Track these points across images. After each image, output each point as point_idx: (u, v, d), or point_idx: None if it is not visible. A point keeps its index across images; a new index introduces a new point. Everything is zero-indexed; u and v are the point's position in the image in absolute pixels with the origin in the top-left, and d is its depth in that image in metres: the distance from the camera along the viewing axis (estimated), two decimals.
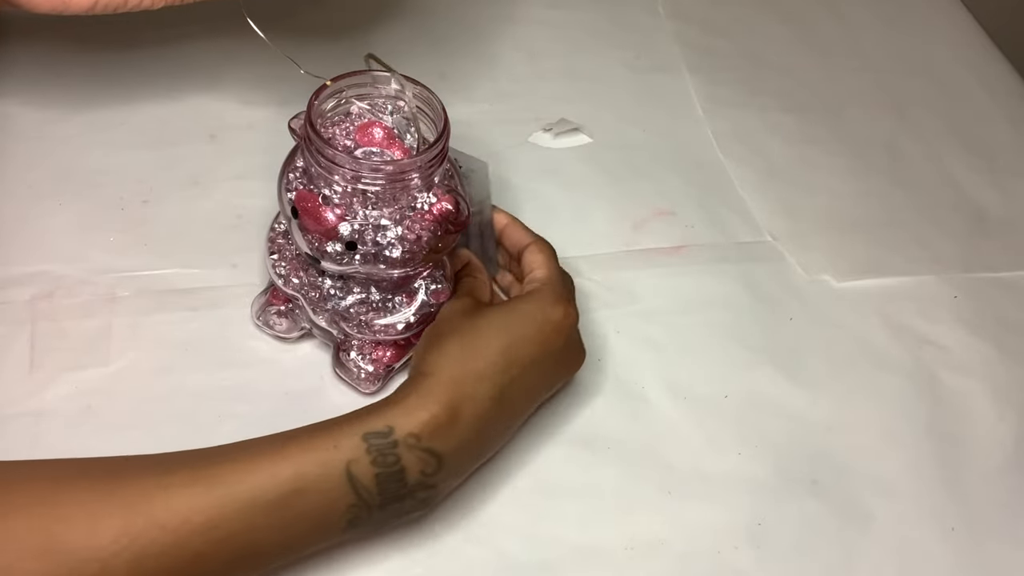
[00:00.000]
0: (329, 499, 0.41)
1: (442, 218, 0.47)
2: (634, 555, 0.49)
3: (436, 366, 0.45)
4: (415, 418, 0.43)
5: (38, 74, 0.64)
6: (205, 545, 0.38)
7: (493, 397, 0.45)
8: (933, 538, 0.52)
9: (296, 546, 0.41)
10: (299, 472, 0.40)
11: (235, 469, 0.39)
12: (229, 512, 0.38)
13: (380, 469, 0.41)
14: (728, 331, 0.59)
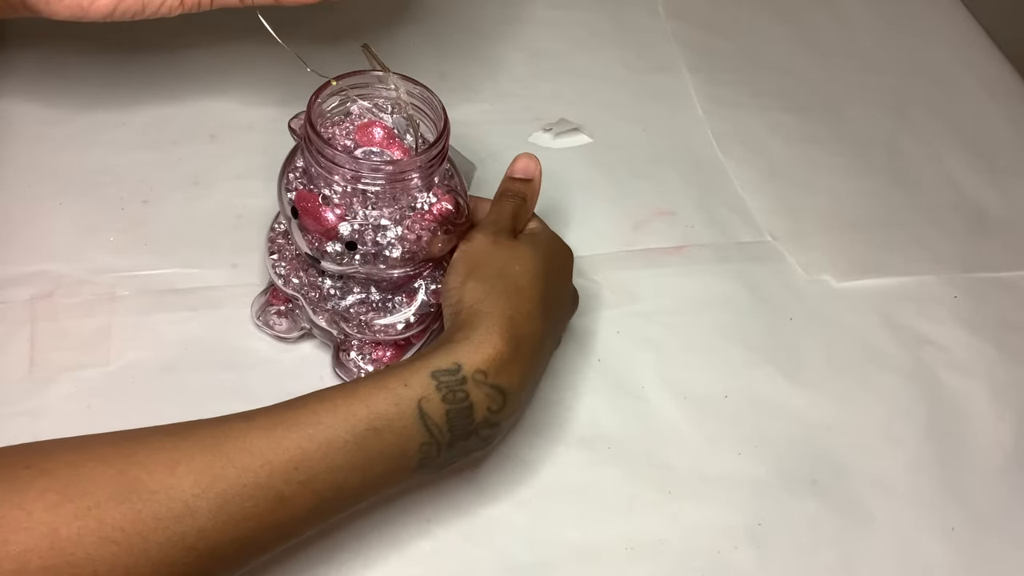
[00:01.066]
0: (403, 437, 0.41)
1: (442, 218, 0.47)
2: (634, 555, 0.49)
3: (490, 304, 0.45)
4: (482, 354, 0.43)
5: (39, 75, 0.64)
6: (287, 486, 0.38)
7: (543, 334, 0.46)
8: (933, 538, 0.52)
9: (373, 486, 0.41)
10: (374, 411, 0.40)
11: (313, 411, 0.40)
12: (310, 452, 0.38)
13: (450, 406, 0.42)
14: (728, 331, 0.59)
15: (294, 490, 0.38)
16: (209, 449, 0.37)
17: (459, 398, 0.42)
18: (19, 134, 0.61)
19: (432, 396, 0.42)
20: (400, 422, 0.41)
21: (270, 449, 0.38)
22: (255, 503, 0.37)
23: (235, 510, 0.37)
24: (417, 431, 0.41)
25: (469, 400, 0.42)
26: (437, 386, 0.42)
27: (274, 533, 0.38)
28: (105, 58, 0.65)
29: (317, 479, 0.39)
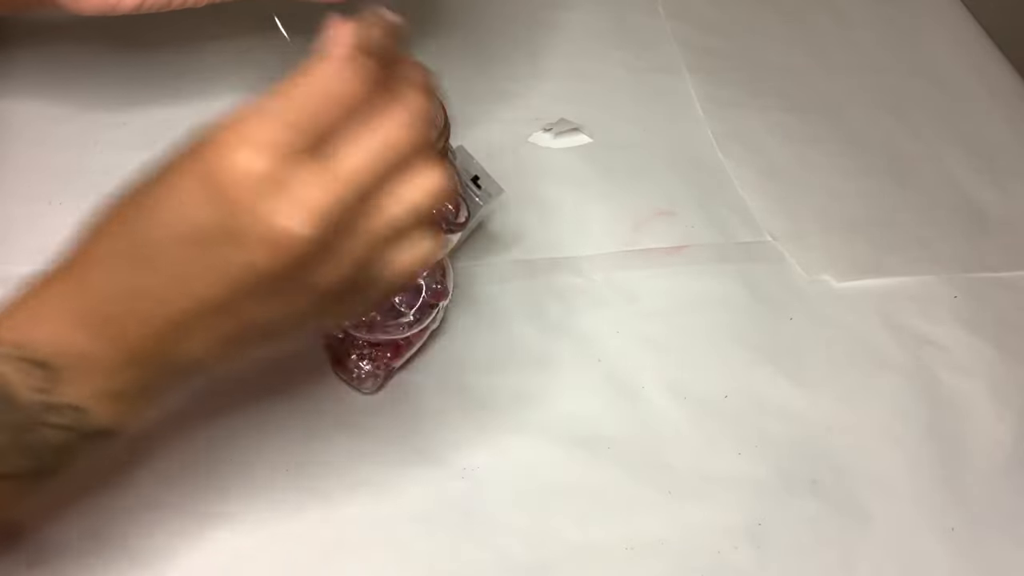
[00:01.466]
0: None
1: (442, 218, 0.47)
2: (634, 555, 0.49)
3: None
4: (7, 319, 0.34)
5: (39, 75, 0.64)
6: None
7: (122, 290, 0.34)
8: (933, 538, 0.52)
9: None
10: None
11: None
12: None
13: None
14: (728, 331, 0.59)
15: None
16: None
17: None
18: (19, 134, 0.61)
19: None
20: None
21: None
22: None
23: None
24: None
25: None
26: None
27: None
28: (106, 58, 0.65)
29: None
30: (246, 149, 0.31)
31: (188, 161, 0.32)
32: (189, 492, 0.48)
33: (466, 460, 0.51)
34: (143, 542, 0.46)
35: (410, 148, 0.33)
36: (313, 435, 0.51)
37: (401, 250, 0.34)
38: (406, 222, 0.33)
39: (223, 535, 0.47)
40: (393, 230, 0.33)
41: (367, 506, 0.49)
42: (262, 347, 0.36)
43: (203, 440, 0.49)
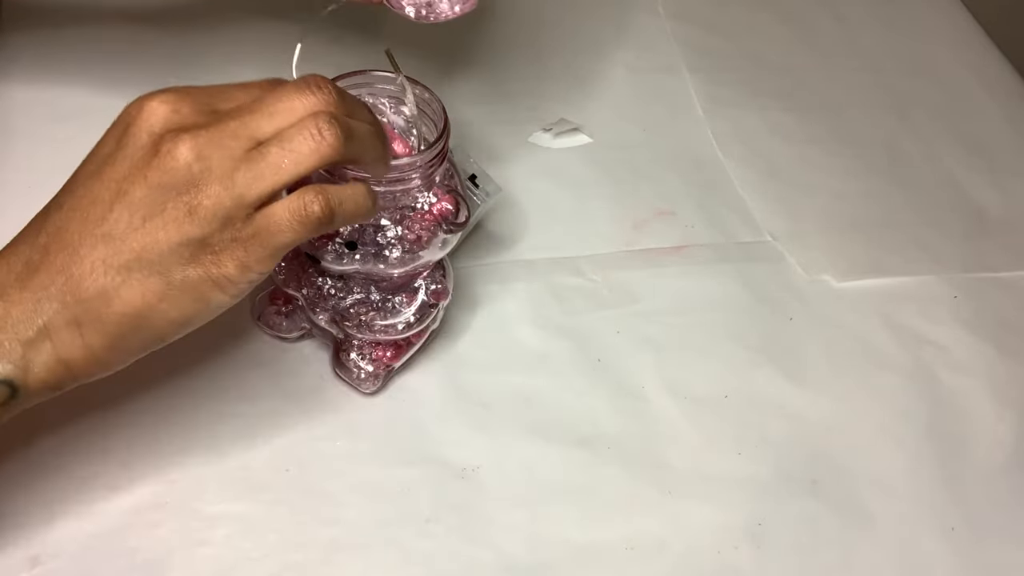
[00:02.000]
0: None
1: (442, 218, 0.47)
2: (634, 555, 0.49)
3: None
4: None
5: (39, 74, 0.64)
6: None
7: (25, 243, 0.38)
8: (933, 538, 0.52)
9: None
10: None
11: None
12: None
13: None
14: (728, 331, 0.59)
15: None
16: None
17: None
18: (19, 134, 0.60)
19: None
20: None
21: None
22: None
23: None
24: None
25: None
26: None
27: None
28: (106, 58, 0.65)
29: None
30: (154, 99, 0.37)
31: (120, 115, 0.38)
32: (189, 492, 0.48)
33: (466, 460, 0.51)
34: (143, 542, 0.46)
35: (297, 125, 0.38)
36: (313, 435, 0.51)
37: (287, 200, 0.38)
38: (276, 161, 0.37)
39: (223, 535, 0.47)
40: (261, 170, 0.37)
41: (367, 506, 0.49)
42: (158, 297, 0.37)
43: (203, 440, 0.49)
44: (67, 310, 0.36)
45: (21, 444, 0.48)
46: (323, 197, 0.38)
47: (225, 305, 0.39)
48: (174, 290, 0.37)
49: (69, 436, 0.48)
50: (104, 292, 0.36)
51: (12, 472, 0.47)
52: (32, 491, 0.46)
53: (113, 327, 0.37)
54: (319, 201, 0.38)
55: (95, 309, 0.36)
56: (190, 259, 0.37)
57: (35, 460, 0.47)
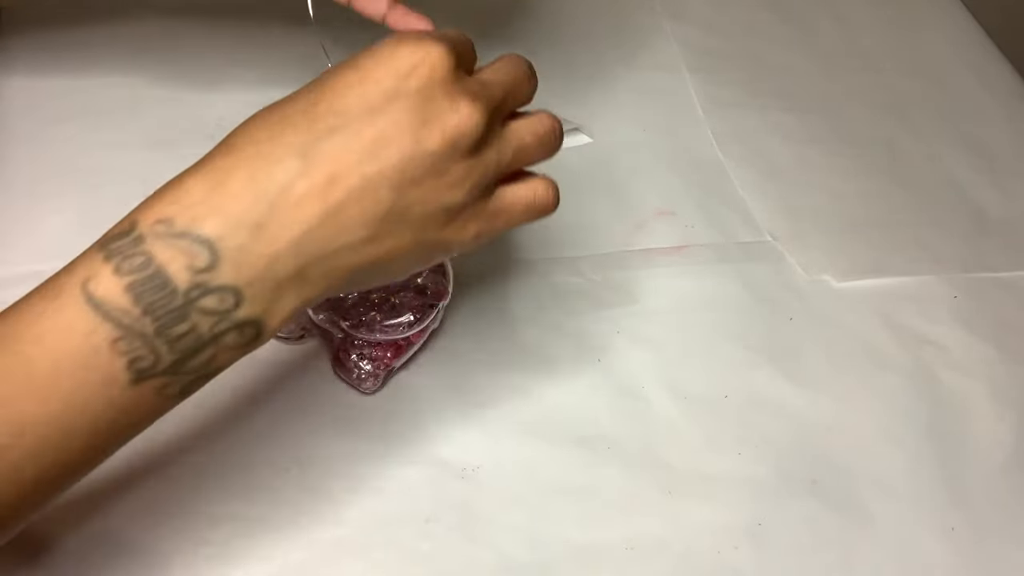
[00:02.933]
0: (76, 337, 0.31)
1: None
2: (634, 555, 0.49)
3: (235, 134, 0.35)
4: (160, 199, 0.33)
5: (39, 74, 0.64)
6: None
7: (291, 155, 0.33)
8: (933, 538, 0.52)
9: (80, 424, 0.32)
10: (25, 318, 0.31)
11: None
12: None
13: (129, 277, 0.31)
14: (728, 331, 0.59)
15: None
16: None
17: (139, 264, 0.31)
18: (19, 134, 0.61)
19: (100, 271, 0.31)
20: (62, 318, 0.31)
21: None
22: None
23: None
24: (94, 324, 0.31)
25: (153, 262, 0.31)
26: (106, 256, 0.32)
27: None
28: (106, 58, 0.65)
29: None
30: (440, 48, 0.35)
31: (385, 53, 0.35)
32: (189, 492, 0.48)
33: (466, 460, 0.51)
34: (143, 542, 0.46)
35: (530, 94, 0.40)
36: (314, 435, 0.51)
37: (523, 184, 0.40)
38: (527, 143, 0.39)
39: (223, 535, 0.47)
40: (517, 147, 0.38)
41: (367, 506, 0.49)
42: (404, 251, 0.36)
43: (204, 440, 0.49)
44: (327, 255, 0.34)
45: None
46: (554, 190, 0.41)
47: (441, 261, 0.41)
48: (418, 248, 0.36)
49: None
50: (369, 239, 0.35)
51: None
52: None
53: (354, 274, 0.35)
54: (552, 193, 0.42)
55: (352, 256, 0.35)
56: (445, 223, 0.36)
57: None
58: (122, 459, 0.48)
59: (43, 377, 0.31)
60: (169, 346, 0.32)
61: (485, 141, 0.36)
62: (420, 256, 0.37)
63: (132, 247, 0.32)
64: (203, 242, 0.32)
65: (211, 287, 0.32)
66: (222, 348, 0.34)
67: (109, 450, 0.35)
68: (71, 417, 0.32)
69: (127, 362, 0.32)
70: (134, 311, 0.31)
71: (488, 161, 0.37)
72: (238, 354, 0.35)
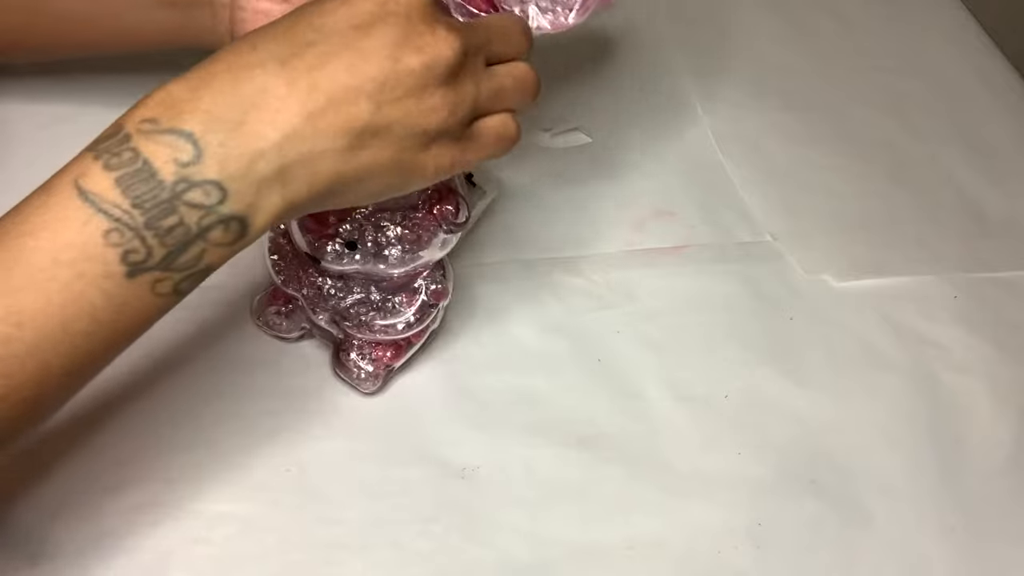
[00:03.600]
0: (70, 229, 0.33)
1: (442, 218, 0.47)
2: (634, 555, 0.49)
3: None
4: (146, 101, 0.35)
5: (39, 74, 0.64)
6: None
7: (272, 60, 0.35)
8: (933, 538, 0.52)
9: (76, 319, 0.33)
10: (21, 215, 0.33)
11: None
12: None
13: (117, 172, 0.33)
14: (728, 331, 0.59)
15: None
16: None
17: (127, 159, 0.33)
18: (20, 135, 0.61)
19: (90, 168, 0.33)
20: (57, 212, 0.33)
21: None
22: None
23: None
24: (87, 216, 0.33)
25: (140, 156, 0.33)
26: (96, 155, 0.33)
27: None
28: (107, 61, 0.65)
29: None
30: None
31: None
32: (189, 492, 0.48)
33: (466, 460, 0.51)
34: (143, 542, 0.46)
35: (519, 44, 0.41)
36: (313, 435, 0.51)
37: (496, 119, 0.41)
38: (506, 86, 0.40)
39: (223, 535, 0.47)
40: (497, 88, 0.40)
41: (367, 506, 0.49)
42: (383, 167, 0.38)
43: (203, 440, 0.49)
44: (308, 158, 0.35)
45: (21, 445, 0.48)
46: (516, 123, 0.42)
47: (416, 188, 0.41)
48: (396, 167, 0.38)
49: (69, 436, 0.48)
50: (348, 148, 0.36)
51: (12, 472, 0.47)
52: (32, 491, 0.46)
53: (340, 181, 0.37)
54: (515, 125, 0.42)
55: (332, 162, 0.36)
56: (423, 145, 0.38)
57: (35, 460, 0.47)
58: (121, 460, 0.48)
59: (41, 270, 0.33)
60: (159, 239, 0.34)
61: (464, 71, 0.38)
62: (399, 176, 0.38)
63: (119, 144, 0.33)
64: (187, 136, 0.34)
65: (196, 180, 0.34)
66: (210, 244, 0.35)
67: (108, 354, 0.36)
68: (70, 312, 0.33)
69: (120, 254, 0.33)
70: (124, 203, 0.33)
71: (466, 92, 0.38)
72: (227, 252, 0.36)
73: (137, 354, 0.52)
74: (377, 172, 0.37)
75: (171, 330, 0.53)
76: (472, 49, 0.38)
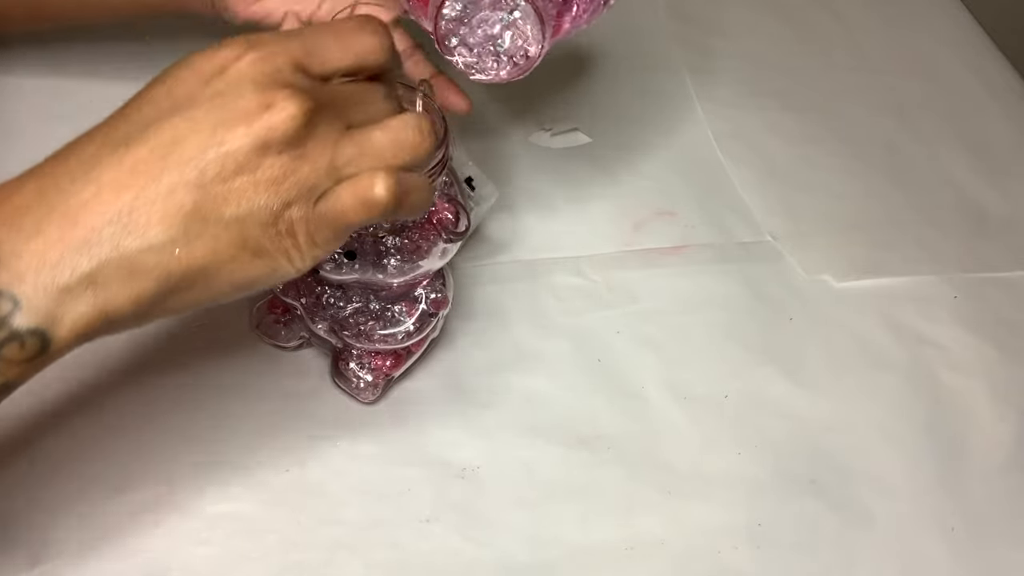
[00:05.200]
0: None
1: (442, 227, 0.46)
2: (634, 555, 0.49)
3: None
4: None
5: (40, 73, 0.64)
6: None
7: (81, 164, 0.34)
8: (933, 538, 0.52)
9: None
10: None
11: None
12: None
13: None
14: (728, 331, 0.59)
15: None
16: None
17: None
18: (20, 134, 0.60)
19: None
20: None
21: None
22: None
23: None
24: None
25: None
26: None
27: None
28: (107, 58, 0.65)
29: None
30: (258, 49, 0.34)
31: (196, 57, 0.35)
32: (189, 492, 0.48)
33: (466, 460, 0.51)
34: (144, 542, 0.46)
35: (387, 99, 0.37)
36: (313, 435, 0.51)
37: (351, 183, 0.35)
38: (377, 142, 0.36)
39: (223, 535, 0.47)
40: (361, 146, 0.35)
41: (367, 506, 0.49)
42: (225, 257, 0.35)
43: (204, 440, 0.49)
44: (122, 258, 0.33)
45: (22, 444, 0.48)
46: (392, 180, 0.35)
47: (289, 276, 0.37)
48: (246, 251, 0.35)
49: (69, 437, 0.48)
50: (173, 241, 0.33)
51: (12, 472, 0.47)
52: (32, 491, 0.46)
53: (173, 280, 0.34)
54: (387, 184, 0.35)
55: (157, 259, 0.33)
56: (270, 223, 0.34)
57: (35, 460, 0.47)
58: (122, 461, 0.48)
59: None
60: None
61: (313, 137, 0.34)
62: (251, 265, 0.35)
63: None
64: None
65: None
66: (4, 360, 0.33)
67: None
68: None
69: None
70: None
71: (315, 159, 0.34)
72: (27, 369, 0.34)
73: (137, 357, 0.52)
74: (220, 263, 0.34)
75: (170, 336, 0.53)
76: (326, 112, 0.35)
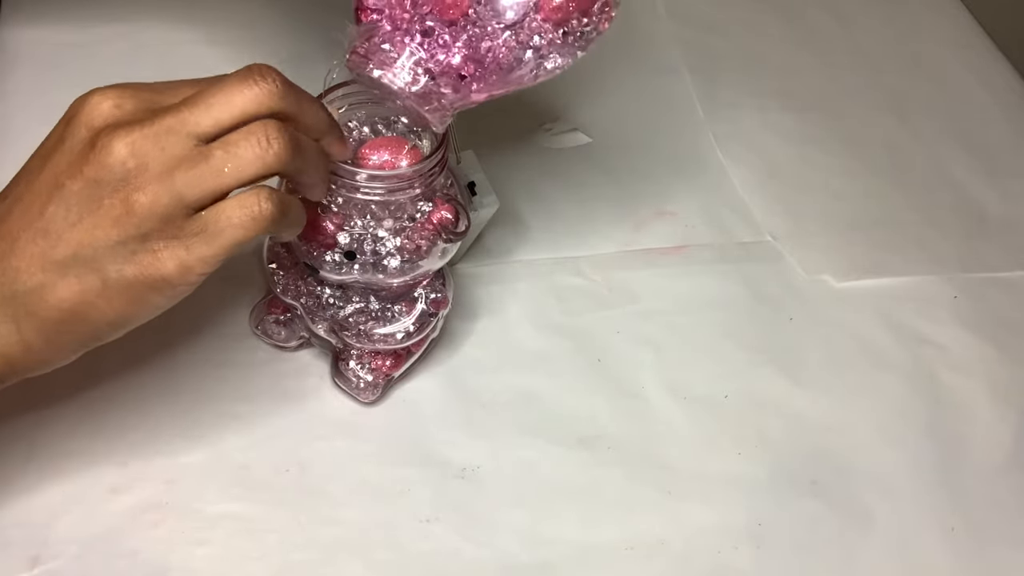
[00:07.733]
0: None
1: (442, 227, 0.46)
2: (634, 555, 0.49)
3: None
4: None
5: (40, 72, 0.64)
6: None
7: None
8: (933, 538, 0.52)
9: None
10: None
11: None
12: None
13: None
14: (728, 331, 0.59)
15: None
16: None
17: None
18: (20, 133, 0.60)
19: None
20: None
21: None
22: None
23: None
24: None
25: None
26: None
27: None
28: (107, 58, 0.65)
29: None
30: (100, 94, 0.37)
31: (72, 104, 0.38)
32: (189, 492, 0.48)
33: (466, 460, 0.51)
34: (143, 542, 0.46)
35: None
36: (313, 435, 0.51)
37: (233, 201, 0.37)
38: (241, 156, 0.36)
39: (223, 535, 0.47)
40: (219, 165, 0.36)
41: (367, 506, 0.49)
42: (101, 295, 0.36)
43: (204, 440, 0.49)
44: (3, 304, 0.36)
45: (22, 445, 0.48)
46: (277, 197, 0.37)
47: (163, 307, 0.38)
48: (110, 289, 0.36)
49: (69, 437, 0.48)
50: (41, 287, 0.36)
51: (13, 472, 0.47)
52: (32, 491, 0.46)
53: (50, 324, 0.36)
54: (273, 200, 0.37)
55: (31, 304, 0.36)
56: (127, 258, 0.36)
57: (36, 460, 0.47)
58: (122, 461, 0.48)
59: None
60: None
61: (148, 172, 0.35)
62: (119, 303, 0.37)
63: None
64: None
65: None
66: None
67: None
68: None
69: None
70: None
71: (157, 190, 0.35)
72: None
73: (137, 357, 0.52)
74: (99, 300, 0.36)
75: (170, 336, 0.53)
76: (160, 140, 0.35)
